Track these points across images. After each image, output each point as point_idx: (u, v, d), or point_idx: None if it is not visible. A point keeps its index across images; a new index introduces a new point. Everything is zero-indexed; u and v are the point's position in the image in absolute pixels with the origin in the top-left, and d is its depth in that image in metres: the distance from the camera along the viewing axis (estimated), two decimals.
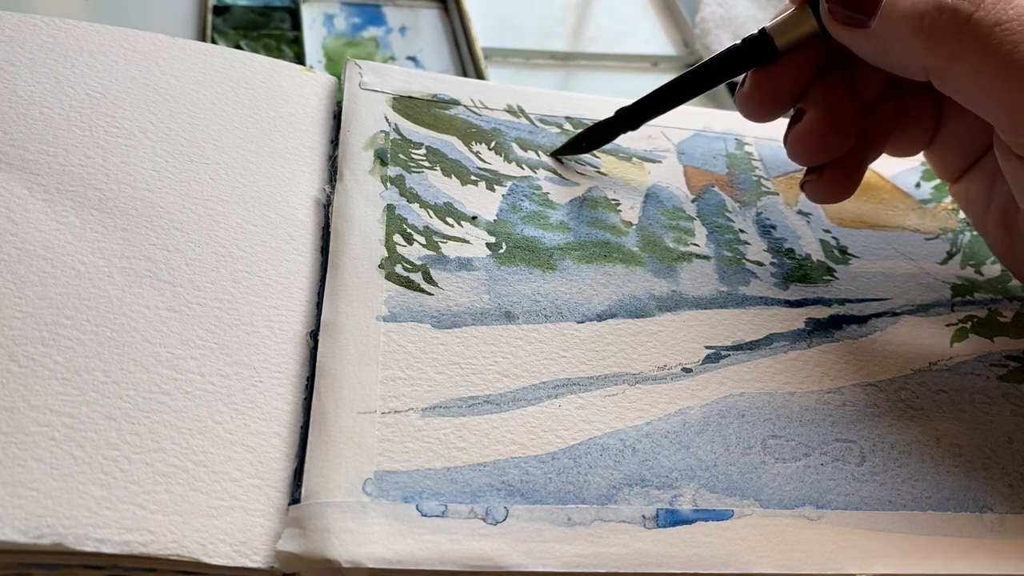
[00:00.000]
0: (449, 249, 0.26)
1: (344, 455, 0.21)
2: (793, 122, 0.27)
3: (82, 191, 0.25)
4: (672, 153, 0.32)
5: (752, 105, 0.27)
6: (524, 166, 0.30)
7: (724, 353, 0.26)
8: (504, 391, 0.23)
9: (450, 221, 0.27)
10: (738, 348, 0.26)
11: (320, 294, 0.25)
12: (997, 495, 0.24)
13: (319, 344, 0.23)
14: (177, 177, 0.26)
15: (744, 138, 0.33)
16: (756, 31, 0.26)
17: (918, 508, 0.23)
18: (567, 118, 0.32)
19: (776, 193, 0.32)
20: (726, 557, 0.21)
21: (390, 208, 0.27)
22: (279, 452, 0.21)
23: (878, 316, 0.28)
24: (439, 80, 0.32)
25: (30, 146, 0.25)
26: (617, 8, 0.48)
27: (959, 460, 0.24)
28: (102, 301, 0.23)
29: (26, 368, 0.21)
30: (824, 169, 0.27)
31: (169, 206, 0.25)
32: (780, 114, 0.27)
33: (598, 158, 0.31)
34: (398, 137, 0.29)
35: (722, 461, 0.23)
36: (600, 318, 0.26)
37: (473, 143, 0.30)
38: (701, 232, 0.29)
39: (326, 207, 0.27)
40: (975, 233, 0.32)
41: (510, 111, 0.32)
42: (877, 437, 0.25)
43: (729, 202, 0.31)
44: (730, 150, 0.33)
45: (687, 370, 0.25)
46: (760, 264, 0.29)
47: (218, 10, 0.40)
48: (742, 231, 0.30)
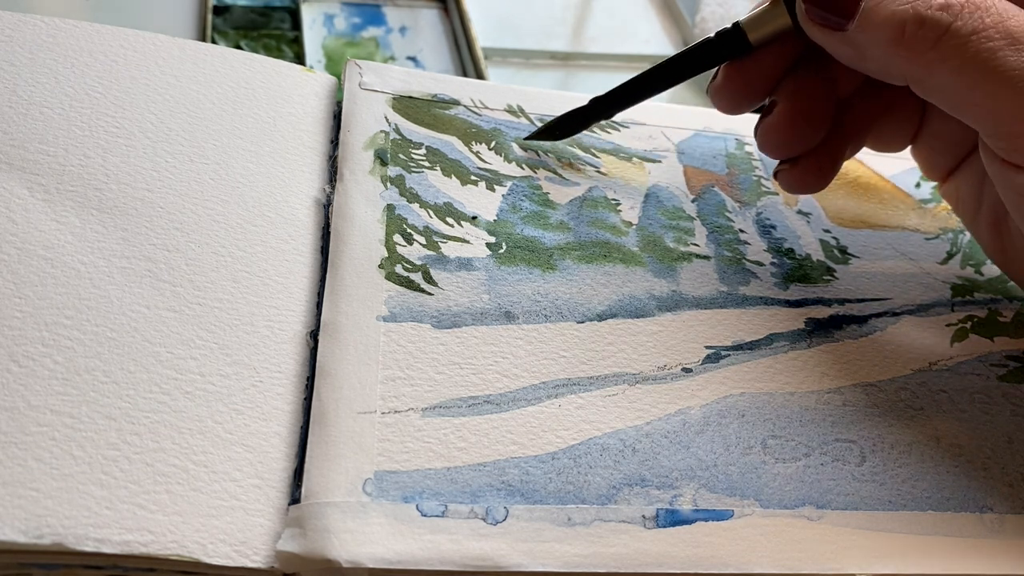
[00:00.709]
0: (449, 249, 0.26)
1: (344, 455, 0.21)
2: (764, 114, 0.27)
3: (82, 191, 0.25)
4: (672, 153, 0.32)
5: (724, 98, 0.27)
6: (524, 166, 0.30)
7: (724, 353, 0.26)
8: (504, 391, 0.23)
9: (450, 221, 0.27)
10: (738, 348, 0.26)
11: (320, 294, 0.25)
12: (997, 495, 0.24)
13: (319, 344, 0.23)
14: (177, 177, 0.26)
15: (744, 138, 0.33)
16: (729, 25, 0.26)
17: (918, 508, 0.23)
18: None
19: (776, 193, 0.32)
20: (726, 557, 0.21)
21: (390, 208, 0.27)
22: (279, 452, 0.21)
23: (878, 316, 0.28)
24: (439, 80, 0.32)
25: (30, 146, 0.25)
26: (617, 8, 0.48)
27: (959, 460, 0.24)
28: (102, 301, 0.23)
29: (26, 368, 0.21)
30: (798, 160, 0.27)
31: (169, 206, 0.25)
32: (752, 107, 0.27)
33: (598, 158, 0.31)
34: (398, 137, 0.29)
35: (722, 461, 0.23)
36: (600, 318, 0.26)
37: (473, 143, 0.30)
38: (701, 232, 0.29)
39: (326, 207, 0.27)
40: None
41: (510, 111, 0.32)
42: (877, 437, 0.25)
43: (729, 202, 0.31)
44: (730, 150, 0.33)
45: (687, 370, 0.25)
46: (760, 264, 0.29)
47: (218, 10, 0.40)
48: (742, 231, 0.30)
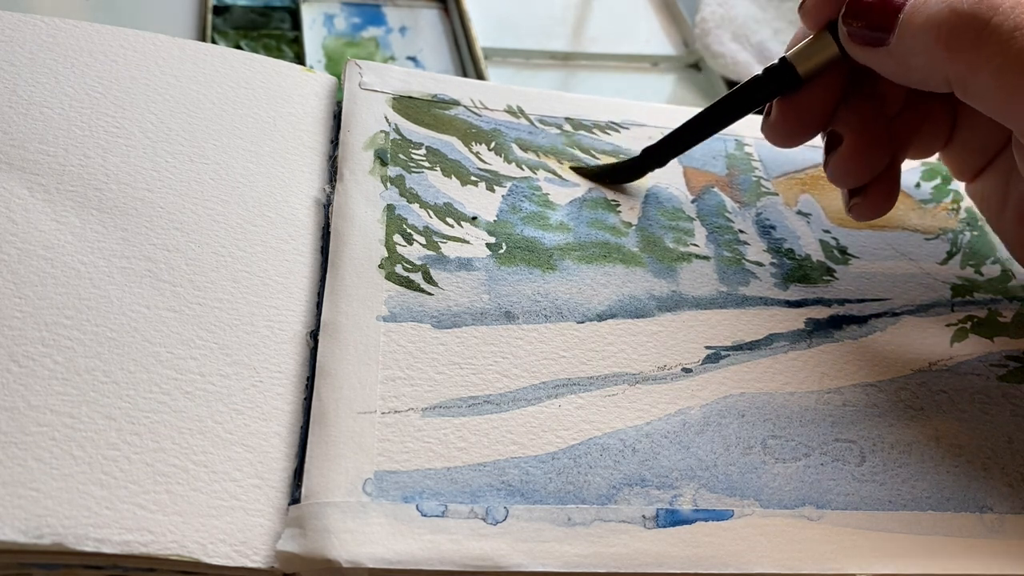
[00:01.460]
0: (449, 249, 0.26)
1: (344, 455, 0.21)
2: (831, 148, 0.26)
3: (82, 191, 0.25)
4: None
5: (780, 133, 0.27)
6: (524, 167, 0.30)
7: (724, 353, 0.26)
8: (504, 391, 0.23)
9: (450, 221, 0.27)
10: (738, 348, 0.26)
11: (320, 294, 0.25)
12: (997, 495, 0.24)
13: (319, 344, 0.23)
14: (177, 177, 0.26)
15: (744, 139, 0.33)
16: (777, 60, 0.26)
17: (918, 508, 0.23)
18: (567, 119, 0.32)
19: (776, 193, 0.32)
20: (726, 557, 0.21)
21: (390, 208, 0.27)
22: (279, 452, 0.21)
23: (878, 316, 0.28)
24: (439, 80, 0.32)
25: (30, 146, 0.25)
26: (617, 8, 0.48)
27: (959, 460, 0.24)
28: (102, 301, 0.23)
29: (26, 368, 0.21)
30: (867, 188, 0.27)
31: (169, 206, 0.25)
32: (808, 139, 0.27)
33: (598, 159, 0.31)
34: (398, 137, 0.29)
35: (722, 461, 0.23)
36: (600, 318, 0.26)
37: (473, 143, 0.30)
38: (701, 232, 0.29)
39: (326, 207, 0.27)
40: (975, 233, 0.32)
41: (510, 111, 0.32)
42: (877, 437, 0.25)
43: (729, 202, 0.31)
44: (730, 151, 0.33)
45: (687, 370, 0.25)
46: (760, 264, 0.29)
47: (218, 10, 0.40)
48: (742, 231, 0.30)
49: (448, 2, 0.44)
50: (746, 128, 0.33)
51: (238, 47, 0.39)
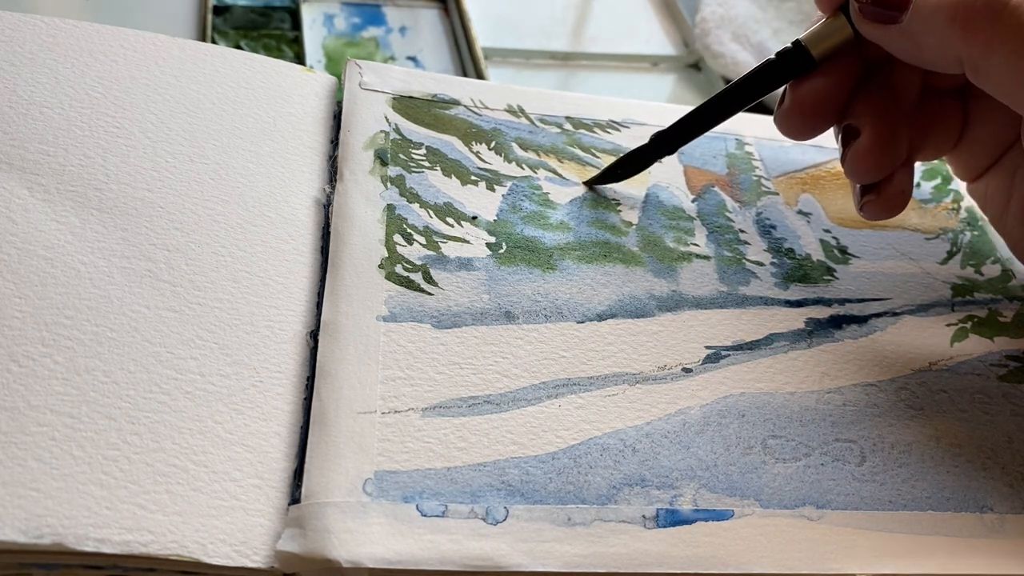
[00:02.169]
0: (449, 249, 0.26)
1: (344, 455, 0.21)
2: (848, 141, 0.26)
3: (82, 191, 0.25)
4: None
5: (794, 122, 0.26)
6: (524, 166, 0.30)
7: (724, 353, 0.26)
8: (504, 391, 0.23)
9: (450, 221, 0.27)
10: (738, 348, 0.26)
11: (320, 294, 0.25)
12: (997, 495, 0.24)
13: (319, 344, 0.23)
14: (177, 177, 0.26)
15: (744, 138, 0.33)
16: (789, 44, 0.26)
17: (918, 508, 0.23)
18: (567, 118, 0.32)
19: (776, 193, 0.32)
20: (726, 557, 0.21)
21: (390, 208, 0.27)
22: (279, 452, 0.21)
23: (878, 316, 0.28)
24: (439, 80, 0.32)
25: (30, 146, 0.25)
26: (617, 8, 0.48)
27: (959, 460, 0.24)
28: (102, 301, 0.23)
29: (26, 368, 0.21)
30: (880, 186, 0.26)
31: (169, 206, 0.25)
32: (822, 130, 0.27)
33: (598, 158, 0.31)
34: (398, 137, 0.29)
35: (722, 461, 0.23)
36: (600, 318, 0.26)
37: (473, 143, 0.30)
38: (701, 232, 0.29)
39: (326, 207, 0.27)
40: (975, 233, 0.32)
41: (510, 111, 0.32)
42: (877, 437, 0.25)
43: (729, 202, 0.31)
44: (730, 150, 0.33)
45: (687, 370, 0.25)
46: (760, 264, 0.29)
47: (218, 10, 0.40)
48: (742, 231, 0.30)
49: (448, 2, 0.44)
50: (746, 127, 0.33)
51: (238, 47, 0.39)
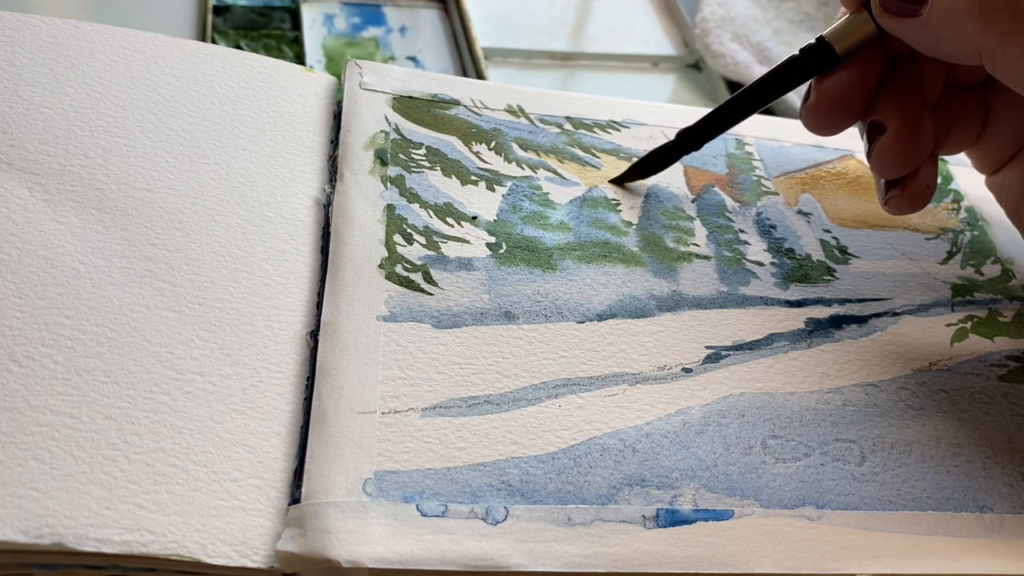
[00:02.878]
0: (449, 249, 0.26)
1: (344, 455, 0.21)
2: (873, 137, 0.26)
3: (82, 191, 0.25)
4: None
5: (820, 117, 0.26)
6: (524, 166, 0.30)
7: (724, 353, 0.26)
8: (504, 391, 0.23)
9: (450, 221, 0.27)
10: (738, 348, 0.26)
11: (320, 294, 0.25)
12: (997, 495, 0.24)
13: (319, 344, 0.23)
14: (177, 177, 0.26)
15: (744, 138, 0.33)
16: (813, 40, 0.26)
17: (918, 508, 0.23)
18: (567, 118, 0.32)
19: (776, 193, 0.32)
20: (726, 557, 0.21)
21: (390, 208, 0.27)
22: (279, 452, 0.21)
23: (878, 316, 0.28)
24: (439, 80, 0.32)
25: (30, 146, 0.25)
26: (617, 8, 0.48)
27: (959, 460, 0.24)
28: (102, 301, 0.23)
29: (26, 368, 0.21)
30: (905, 181, 0.26)
31: (169, 206, 0.25)
32: (847, 126, 0.27)
33: (598, 158, 0.31)
34: (398, 137, 0.29)
35: (722, 461, 0.23)
36: (600, 318, 0.26)
37: (473, 143, 0.30)
38: (701, 232, 0.29)
39: (326, 207, 0.27)
40: (975, 233, 0.32)
41: (510, 111, 0.32)
42: (877, 437, 0.25)
43: (729, 202, 0.31)
44: (730, 150, 0.33)
45: (687, 370, 0.25)
46: (760, 264, 0.29)
47: (218, 10, 0.40)
48: (742, 231, 0.30)
49: (448, 2, 0.44)
50: (747, 127, 0.33)
51: (238, 47, 0.39)
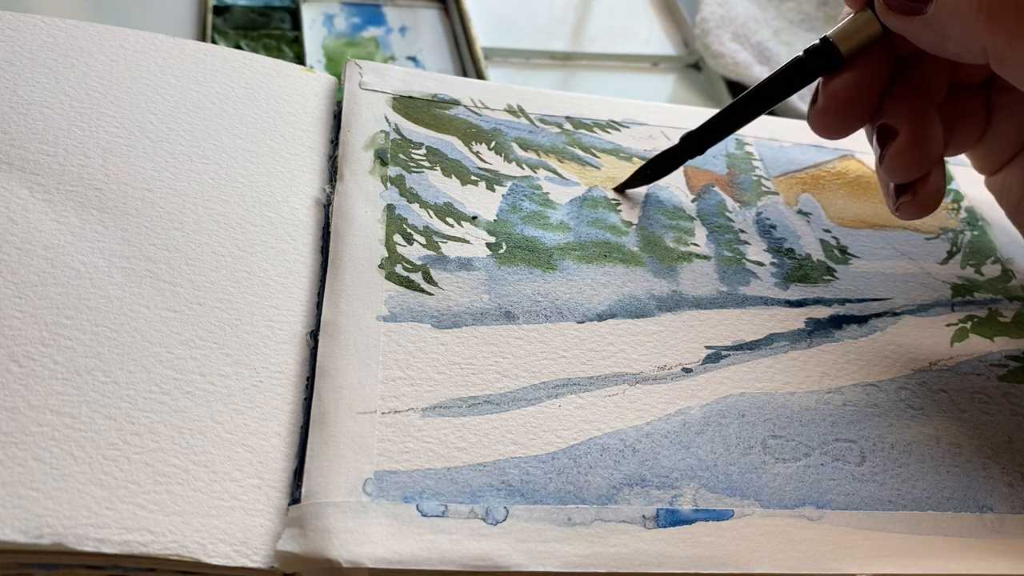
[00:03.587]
0: (449, 249, 0.26)
1: (344, 455, 0.21)
2: (884, 141, 0.26)
3: (82, 191, 0.25)
4: None
5: (829, 120, 0.26)
6: (524, 166, 0.30)
7: (724, 353, 0.26)
8: (504, 391, 0.23)
9: (450, 221, 0.27)
10: (738, 348, 0.26)
11: (320, 294, 0.25)
12: (997, 495, 0.24)
13: (319, 344, 0.23)
14: (177, 177, 0.26)
15: (744, 138, 0.33)
16: (817, 40, 0.26)
17: (918, 508, 0.23)
18: (567, 118, 0.32)
19: (776, 193, 0.32)
20: (726, 557, 0.21)
21: (390, 208, 0.27)
22: (279, 452, 0.21)
23: (878, 316, 0.28)
24: (439, 80, 0.32)
25: (30, 146, 0.25)
26: (617, 8, 0.48)
27: (959, 460, 0.24)
28: (102, 301, 0.23)
29: (26, 368, 0.21)
30: (916, 185, 0.26)
31: (169, 206, 0.25)
32: (855, 129, 0.27)
33: (598, 158, 0.31)
34: (398, 137, 0.29)
35: (722, 461, 0.23)
36: (600, 318, 0.26)
37: (473, 143, 0.30)
38: (701, 232, 0.29)
39: (326, 207, 0.27)
40: (975, 233, 0.32)
41: (510, 111, 0.32)
42: (877, 437, 0.25)
43: (729, 202, 0.31)
44: (730, 150, 0.33)
45: (687, 370, 0.25)
46: (760, 264, 0.29)
47: (218, 10, 0.40)
48: (742, 231, 0.30)
49: (448, 2, 0.44)
50: (746, 127, 0.33)
51: (238, 47, 0.39)
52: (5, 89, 0.26)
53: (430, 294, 0.25)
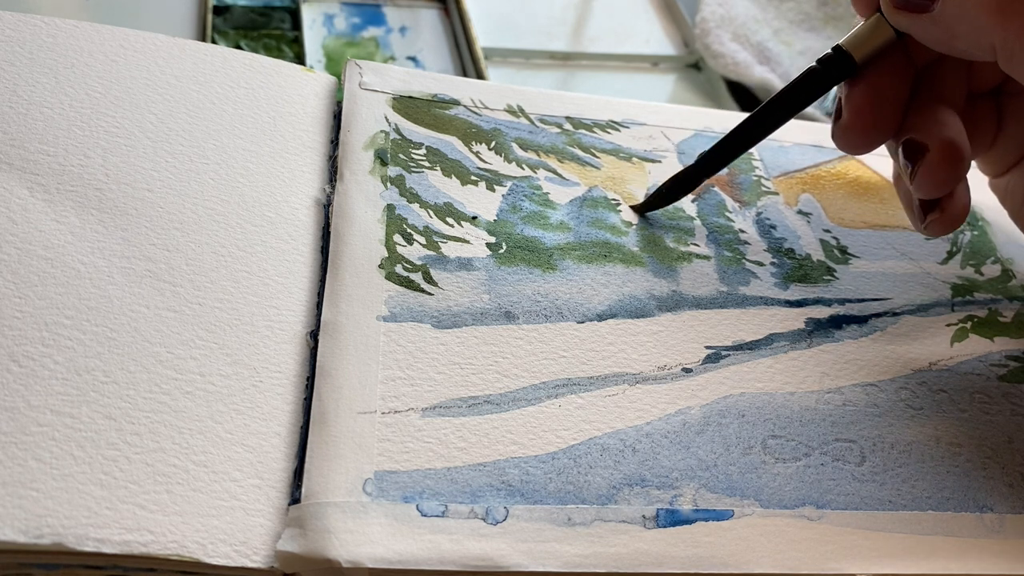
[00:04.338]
0: (449, 249, 0.26)
1: (344, 455, 0.21)
2: (915, 157, 0.25)
3: (82, 191, 0.25)
4: (672, 153, 0.32)
5: (855, 135, 0.26)
6: (524, 166, 0.30)
7: (724, 353, 0.26)
8: (504, 391, 0.23)
9: (450, 221, 0.27)
10: (738, 348, 0.26)
11: (320, 294, 0.25)
12: (997, 495, 0.24)
13: (319, 344, 0.23)
14: (177, 177, 0.26)
15: None
16: (830, 50, 0.25)
17: (918, 508, 0.23)
18: (567, 118, 0.32)
19: (776, 193, 0.32)
20: (726, 557, 0.21)
21: (390, 208, 0.27)
22: (279, 452, 0.21)
23: (878, 316, 0.28)
24: (439, 80, 0.32)
25: (30, 146, 0.25)
26: (617, 8, 0.48)
27: (959, 460, 0.24)
28: (102, 301, 0.23)
29: (26, 368, 0.21)
30: (943, 202, 0.25)
31: (169, 206, 0.25)
32: (881, 143, 0.26)
33: (598, 158, 0.31)
34: (398, 137, 0.29)
35: (722, 461, 0.23)
36: (600, 318, 0.26)
37: (473, 143, 0.30)
38: (701, 232, 0.29)
39: (326, 207, 0.27)
40: (975, 233, 0.32)
41: (510, 111, 0.32)
42: (877, 437, 0.25)
43: (729, 202, 0.31)
44: None
45: (687, 370, 0.25)
46: (760, 264, 0.29)
47: (218, 10, 0.40)
48: (742, 231, 0.30)
49: (448, 2, 0.44)
50: None
51: (238, 47, 0.39)
52: (5, 89, 0.26)
53: (430, 294, 0.25)
